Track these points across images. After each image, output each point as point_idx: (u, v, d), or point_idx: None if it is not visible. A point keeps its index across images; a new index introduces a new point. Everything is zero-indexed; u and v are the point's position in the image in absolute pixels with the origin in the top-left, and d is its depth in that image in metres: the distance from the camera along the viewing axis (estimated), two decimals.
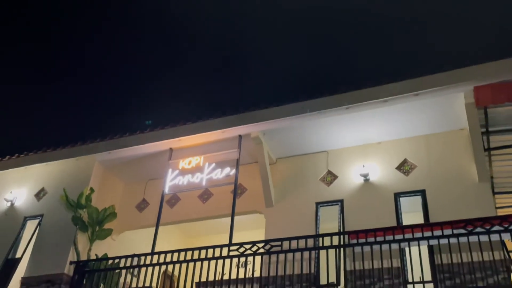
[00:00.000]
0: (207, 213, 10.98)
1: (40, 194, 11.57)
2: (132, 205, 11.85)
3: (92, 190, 10.80)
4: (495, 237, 7.07)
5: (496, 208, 10.65)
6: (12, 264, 10.42)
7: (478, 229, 7.01)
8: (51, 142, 12.16)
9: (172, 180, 10.32)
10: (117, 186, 12.10)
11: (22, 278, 10.13)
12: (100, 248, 10.26)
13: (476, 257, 7.42)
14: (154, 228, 9.94)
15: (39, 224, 10.98)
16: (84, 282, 8.86)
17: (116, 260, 9.00)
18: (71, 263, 9.66)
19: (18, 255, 10.63)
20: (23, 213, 11.41)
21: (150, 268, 8.46)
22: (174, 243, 12.04)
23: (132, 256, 8.80)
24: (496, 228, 6.93)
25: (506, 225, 6.87)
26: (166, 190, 10.31)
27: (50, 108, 37.38)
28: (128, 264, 8.77)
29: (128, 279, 9.06)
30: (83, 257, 9.91)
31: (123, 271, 9.06)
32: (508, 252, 8.72)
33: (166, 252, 8.57)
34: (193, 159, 10.39)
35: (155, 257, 8.64)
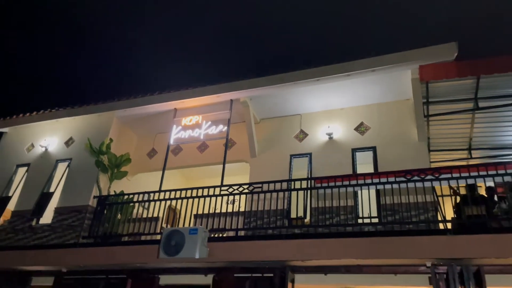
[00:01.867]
0: (204, 160, 10.99)
1: (69, 142, 11.42)
2: (143, 153, 11.79)
3: (111, 140, 10.70)
4: (428, 184, 7.20)
5: (431, 162, 10.85)
6: (47, 196, 10.42)
7: (415, 178, 7.03)
8: (78, 100, 11.97)
9: (176, 134, 10.25)
10: (131, 138, 11.99)
11: (55, 208, 10.17)
12: (118, 186, 10.27)
13: (412, 199, 7.59)
14: (161, 171, 9.94)
15: (68, 166, 10.90)
16: (105, 212, 8.89)
17: (131, 196, 9.03)
18: (94, 197, 9.67)
19: (51, 190, 10.61)
20: (55, 157, 11.30)
21: (157, 203, 8.51)
22: (177, 184, 12.06)
23: (144, 193, 8.83)
24: (429, 177, 6.98)
25: (437, 175, 6.94)
26: (171, 141, 10.25)
27: (77, 71, 36.55)
28: (140, 199, 8.80)
29: (140, 211, 9.15)
30: (104, 193, 9.93)
31: (136, 205, 9.13)
32: (437, 196, 8.94)
33: (170, 190, 8.60)
34: (193, 118, 10.30)
35: (162, 194, 8.69)
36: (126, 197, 9.20)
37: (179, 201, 8.54)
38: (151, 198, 8.67)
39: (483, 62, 7.93)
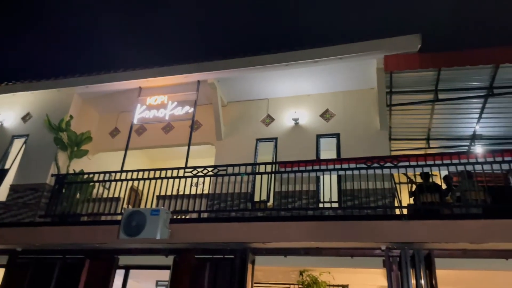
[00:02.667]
0: (168, 142, 10.86)
1: (26, 118, 10.95)
2: (105, 132, 11.48)
3: (71, 117, 10.34)
4: (387, 172, 7.44)
5: (391, 150, 11.22)
6: (1, 173, 9.98)
7: (375, 165, 7.21)
8: (36, 74, 11.45)
9: (140, 114, 10.02)
10: (93, 116, 11.64)
11: (11, 185, 9.78)
12: (78, 165, 9.99)
13: (371, 185, 7.86)
14: (124, 151, 9.74)
15: (25, 142, 10.47)
16: (63, 191, 8.65)
17: (91, 175, 8.80)
18: (52, 175, 9.38)
19: (7, 166, 10.18)
20: (11, 132, 10.82)
21: (119, 183, 8.35)
22: (141, 164, 11.89)
23: (105, 172, 8.63)
24: (388, 165, 7.19)
25: (395, 163, 7.17)
26: (135, 121, 10.02)
27: (36, 43, 34.82)
28: (101, 178, 8.60)
29: (101, 191, 8.96)
30: (63, 172, 9.65)
31: (97, 184, 8.93)
32: (395, 183, 9.30)
33: (133, 171, 8.45)
34: (159, 98, 10.08)
35: (124, 174, 8.53)
36: (86, 176, 8.97)
37: (142, 182, 8.42)
38: (113, 178, 8.49)
39: (444, 55, 8.21)
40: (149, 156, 12.48)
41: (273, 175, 8.55)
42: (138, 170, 8.44)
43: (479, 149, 10.80)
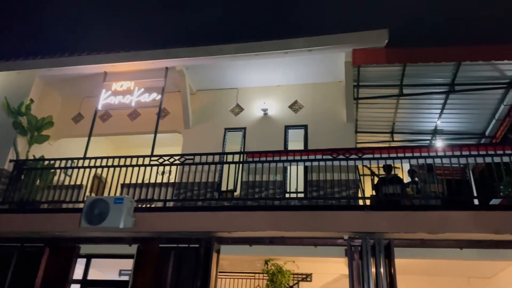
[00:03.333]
0: (135, 129, 10.63)
1: None
2: (68, 117, 11.10)
3: (31, 101, 9.91)
4: (352, 163, 7.60)
5: (357, 143, 11.48)
6: None
7: (341, 156, 7.36)
8: None
9: (105, 99, 9.73)
10: (55, 100, 11.21)
11: None
12: (38, 151, 9.60)
13: (336, 177, 8.01)
14: (87, 137, 9.45)
15: None
16: (22, 177, 8.32)
17: (52, 162, 8.51)
18: (10, 161, 8.99)
19: None
20: None
21: (82, 170, 8.12)
22: (106, 152, 11.59)
23: (67, 159, 8.36)
24: (353, 156, 7.35)
25: (360, 155, 7.34)
26: (99, 107, 9.73)
27: None
28: (62, 165, 8.33)
29: (62, 178, 8.68)
30: (22, 157, 9.26)
31: (58, 171, 8.64)
32: (359, 174, 9.55)
33: (96, 158, 8.24)
34: (125, 83, 9.81)
35: (87, 161, 8.29)
36: (46, 162, 8.66)
37: (106, 169, 8.21)
38: (75, 165, 8.24)
39: (410, 51, 8.43)
40: (114, 143, 12.18)
41: (240, 165, 8.56)
42: (102, 158, 8.23)
43: (439, 143, 11.22)
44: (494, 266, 8.77)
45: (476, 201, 7.22)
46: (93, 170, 8.26)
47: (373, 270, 6.15)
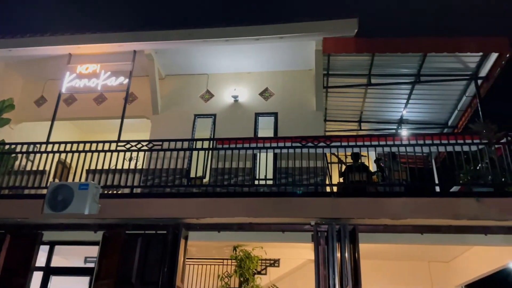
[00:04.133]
0: (101, 113, 10.36)
1: None
2: (31, 100, 10.68)
3: None
4: (320, 151, 7.70)
5: (325, 131, 11.65)
6: None
7: (309, 144, 7.44)
8: None
9: (69, 82, 9.40)
10: (17, 82, 10.74)
11: None
12: None
13: (305, 164, 8.12)
14: (51, 121, 9.13)
15: None
16: None
17: (13, 146, 8.17)
18: None
19: None
20: None
21: (45, 156, 7.83)
22: (71, 137, 11.23)
23: (28, 143, 8.04)
24: (321, 144, 7.44)
25: (328, 143, 7.44)
26: (63, 90, 9.40)
27: None
28: (24, 150, 8.02)
29: (24, 163, 8.35)
30: None
31: (20, 156, 8.30)
32: (327, 162, 9.71)
33: (60, 143, 7.96)
34: (90, 66, 9.51)
35: (50, 146, 7.99)
36: (7, 147, 8.31)
37: (71, 155, 7.97)
38: (38, 150, 7.95)
39: (378, 41, 8.59)
40: (80, 128, 11.83)
41: (210, 151, 8.51)
42: (66, 142, 7.97)
43: (404, 132, 11.54)
44: (452, 250, 9.21)
45: (437, 188, 7.52)
46: (57, 155, 7.99)
47: (338, 255, 6.30)
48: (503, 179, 6.51)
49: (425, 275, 10.36)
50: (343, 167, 9.15)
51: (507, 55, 8.39)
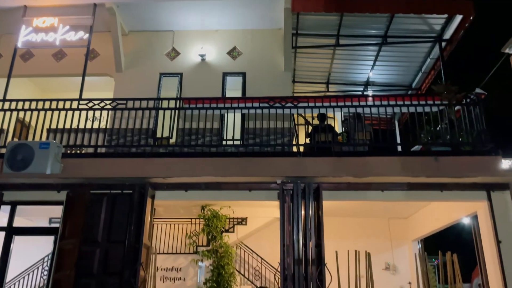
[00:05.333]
0: (60, 70, 9.88)
1: None
2: None
3: None
4: (287, 112, 7.75)
5: (293, 92, 11.70)
6: None
7: (277, 105, 7.48)
8: None
9: (25, 36, 8.82)
10: None
11: None
12: None
13: (273, 125, 8.17)
14: (7, 78, 8.64)
15: None
16: None
17: None
18: None
19: None
20: None
21: (1, 114, 7.48)
22: (29, 95, 10.70)
23: None
24: (289, 105, 7.48)
25: (296, 103, 7.50)
26: (19, 44, 8.82)
27: None
28: None
29: None
30: None
31: None
32: (294, 123, 9.81)
33: (18, 100, 7.62)
34: (48, 19, 8.90)
35: (7, 103, 7.62)
36: None
37: (30, 113, 7.64)
38: None
39: (347, 0, 8.50)
40: (39, 86, 11.29)
41: (176, 111, 8.38)
42: (25, 100, 7.63)
43: (370, 94, 11.75)
44: (410, 207, 9.72)
45: (399, 148, 7.80)
46: (15, 113, 7.65)
47: (303, 212, 6.52)
48: (460, 139, 6.81)
49: (385, 231, 10.94)
50: (310, 128, 9.28)
51: (471, 18, 8.55)
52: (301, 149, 8.17)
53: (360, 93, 12.16)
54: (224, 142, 8.88)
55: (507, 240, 6.25)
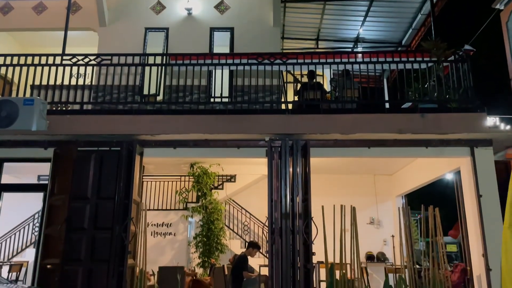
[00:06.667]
0: (41, 24, 9.55)
1: None
2: None
3: None
4: (276, 68, 7.66)
5: (282, 49, 11.49)
6: None
7: (266, 61, 7.35)
8: None
9: None
10: None
11: None
12: None
13: (261, 82, 8.08)
14: None
15: None
16: None
17: None
18: None
19: None
20: None
21: None
22: (10, 50, 10.34)
23: None
24: (278, 61, 7.37)
25: (285, 60, 7.39)
26: None
27: None
28: None
29: None
30: None
31: None
32: (283, 81, 9.72)
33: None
34: None
35: None
36: None
37: (12, 69, 7.41)
38: None
39: None
40: (19, 41, 10.88)
41: (163, 68, 8.21)
42: (6, 55, 7.39)
43: (360, 50, 11.62)
44: (396, 164, 9.89)
45: (387, 106, 7.82)
46: None
47: (291, 169, 6.60)
48: (447, 96, 6.85)
49: (370, 187, 11.19)
50: (299, 85, 9.22)
51: None
52: (290, 106, 8.16)
53: (350, 50, 12.02)
54: (212, 100, 8.83)
55: (487, 195, 6.45)
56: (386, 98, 11.14)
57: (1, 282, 4.77)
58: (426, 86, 7.15)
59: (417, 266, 6.62)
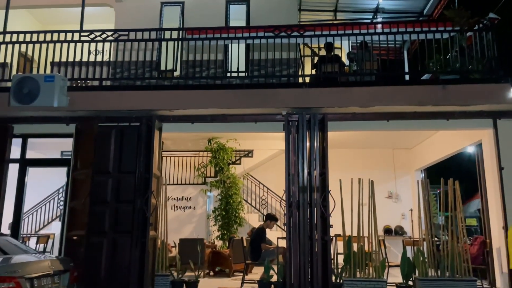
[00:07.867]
0: (59, 1, 9.60)
1: None
2: None
3: None
4: (293, 41, 7.55)
5: (300, 21, 11.24)
6: None
7: (283, 34, 7.26)
8: None
9: None
10: None
11: None
12: None
13: (278, 55, 8.00)
14: (5, 10, 8.37)
15: None
16: None
17: None
18: None
19: None
20: None
21: (3, 47, 7.37)
22: (29, 28, 10.45)
23: None
24: (295, 34, 7.27)
25: (302, 32, 7.28)
26: None
27: None
28: None
29: None
30: None
31: None
32: (300, 54, 9.59)
33: (19, 32, 7.46)
34: None
35: (8, 36, 7.47)
36: None
37: (32, 47, 7.51)
38: None
39: None
40: (39, 18, 10.99)
41: (180, 42, 8.18)
42: (25, 32, 7.48)
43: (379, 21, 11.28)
44: (415, 137, 9.77)
45: (407, 78, 7.66)
46: (17, 47, 7.54)
47: (308, 143, 6.59)
48: (470, 67, 6.66)
49: (389, 161, 11.12)
50: (316, 59, 9.08)
51: None
52: (307, 79, 8.08)
53: (369, 21, 11.68)
54: (228, 74, 8.80)
55: (509, 167, 6.34)
56: (406, 70, 10.87)
57: (29, 252, 5.01)
58: (448, 57, 6.95)
59: (436, 239, 6.61)
